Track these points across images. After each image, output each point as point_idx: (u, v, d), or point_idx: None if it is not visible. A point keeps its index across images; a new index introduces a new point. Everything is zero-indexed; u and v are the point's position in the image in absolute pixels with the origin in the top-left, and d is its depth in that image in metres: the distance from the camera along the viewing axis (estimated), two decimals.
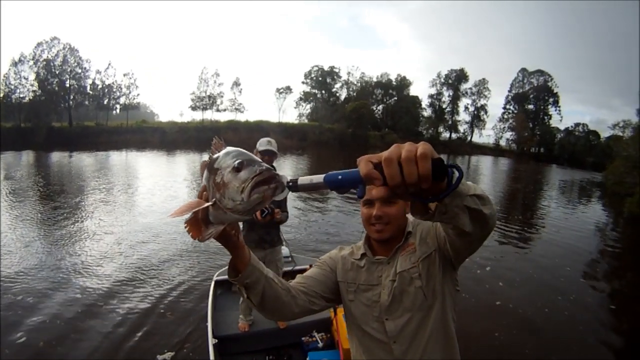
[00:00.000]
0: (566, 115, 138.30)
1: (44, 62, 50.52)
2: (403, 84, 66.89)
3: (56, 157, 29.22)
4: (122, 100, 56.81)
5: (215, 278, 4.58)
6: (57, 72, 51.12)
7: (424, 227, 1.39)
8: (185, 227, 0.86)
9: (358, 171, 0.69)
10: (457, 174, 0.71)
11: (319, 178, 0.75)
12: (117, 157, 31.02)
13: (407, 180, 0.65)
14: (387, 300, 1.32)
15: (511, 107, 66.81)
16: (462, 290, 5.78)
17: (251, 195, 0.74)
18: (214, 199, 0.81)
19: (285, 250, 4.47)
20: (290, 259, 4.92)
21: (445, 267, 1.33)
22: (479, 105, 66.91)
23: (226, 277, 4.43)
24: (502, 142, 67.34)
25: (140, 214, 10.71)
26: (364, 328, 1.37)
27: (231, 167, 0.77)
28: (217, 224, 0.88)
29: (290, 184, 0.78)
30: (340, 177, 0.73)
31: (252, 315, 3.94)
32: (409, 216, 1.43)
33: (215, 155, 0.88)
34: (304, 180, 0.77)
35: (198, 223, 0.87)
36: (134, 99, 57.76)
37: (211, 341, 3.39)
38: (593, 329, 5.31)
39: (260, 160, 0.79)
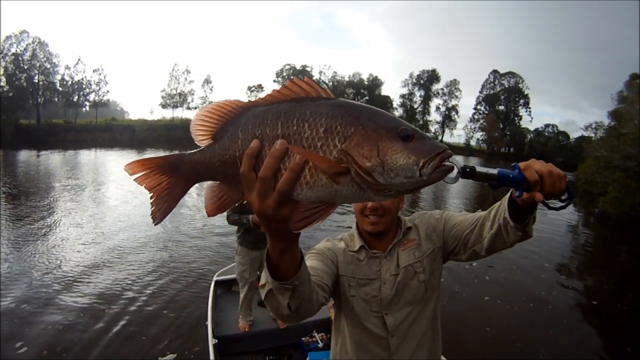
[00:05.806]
0: (536, 116, 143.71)
1: (12, 57, 48.47)
2: (375, 83, 67.87)
3: (24, 156, 28.08)
4: (91, 97, 55.42)
5: (215, 278, 4.51)
6: (25, 67, 49.11)
7: (429, 225, 1.42)
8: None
9: (521, 174, 0.83)
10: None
11: (493, 171, 0.81)
12: (87, 156, 30.15)
13: (555, 191, 0.85)
14: (390, 294, 1.32)
15: (482, 108, 68.40)
16: (454, 286, 5.94)
17: (433, 173, 0.62)
18: (344, 166, 0.61)
19: None
20: None
21: (443, 262, 1.42)
22: (450, 105, 68.68)
23: (226, 277, 4.34)
24: (473, 142, 68.98)
25: (133, 215, 10.37)
26: (364, 324, 1.34)
27: (395, 136, 0.62)
28: (321, 202, 0.63)
29: (468, 170, 0.76)
30: (511, 175, 0.82)
31: (252, 316, 3.91)
32: (400, 214, 1.46)
33: (321, 103, 0.65)
34: (481, 169, 0.79)
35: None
36: (104, 95, 56.70)
37: (211, 341, 3.35)
38: (575, 321, 5.60)
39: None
